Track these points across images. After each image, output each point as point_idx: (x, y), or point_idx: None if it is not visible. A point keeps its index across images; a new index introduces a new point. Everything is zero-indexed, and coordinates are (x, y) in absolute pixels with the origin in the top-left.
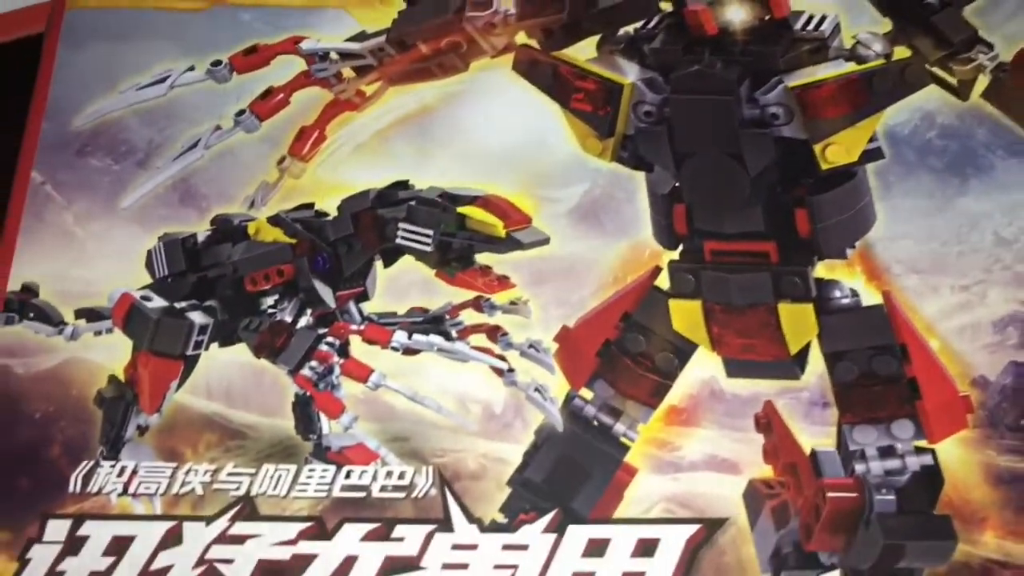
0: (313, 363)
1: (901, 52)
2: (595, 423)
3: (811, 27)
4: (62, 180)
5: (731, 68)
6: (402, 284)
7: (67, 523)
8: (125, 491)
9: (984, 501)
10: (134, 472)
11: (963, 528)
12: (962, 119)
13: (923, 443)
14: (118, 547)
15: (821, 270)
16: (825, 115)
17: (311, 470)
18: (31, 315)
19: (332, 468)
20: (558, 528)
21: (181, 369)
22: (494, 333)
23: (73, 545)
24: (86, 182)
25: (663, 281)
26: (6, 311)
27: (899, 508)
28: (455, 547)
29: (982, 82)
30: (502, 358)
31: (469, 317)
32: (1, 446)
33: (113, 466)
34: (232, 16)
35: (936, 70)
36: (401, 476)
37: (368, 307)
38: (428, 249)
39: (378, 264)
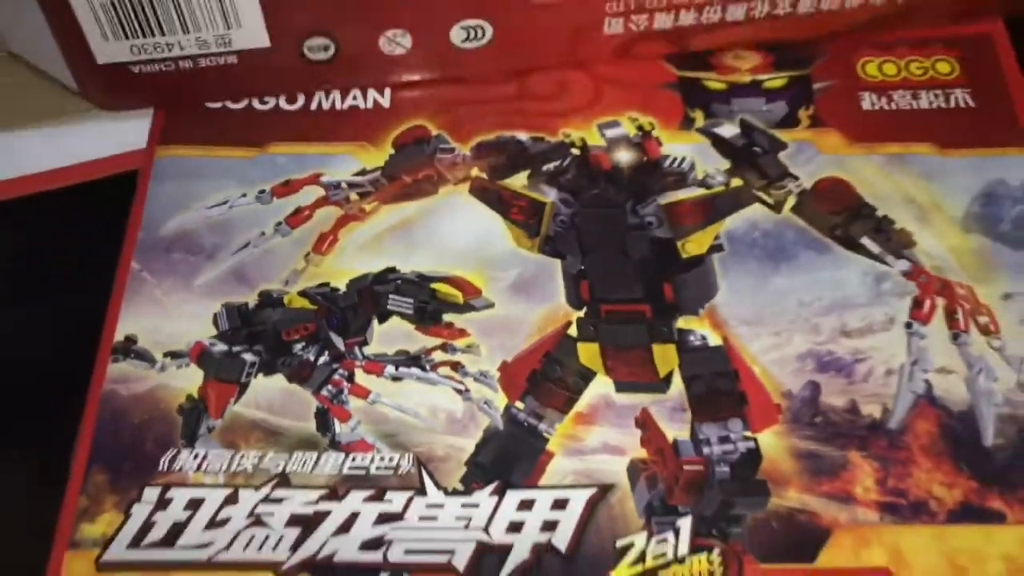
0: (329, 386)
1: (736, 182)
2: (525, 424)
3: (675, 165)
4: (154, 268)
5: (621, 191)
6: (392, 335)
7: (158, 489)
8: (198, 469)
9: (789, 471)
10: (204, 457)
11: (775, 488)
12: (777, 225)
13: (749, 434)
14: (193, 505)
15: (681, 323)
16: (684, 222)
17: (327, 457)
18: (132, 355)
19: (342, 455)
20: (500, 493)
21: (237, 390)
22: (456, 366)
23: (162, 504)
24: (170, 269)
25: (574, 331)
26: (114, 353)
27: (732, 476)
28: (428, 506)
29: (790, 201)
30: (461, 383)
31: (438, 356)
32: (112, 443)
33: (190, 453)
34: (272, 160)
35: (759, 193)
36: (391, 460)
37: (368, 350)
38: (410, 312)
39: (375, 322)
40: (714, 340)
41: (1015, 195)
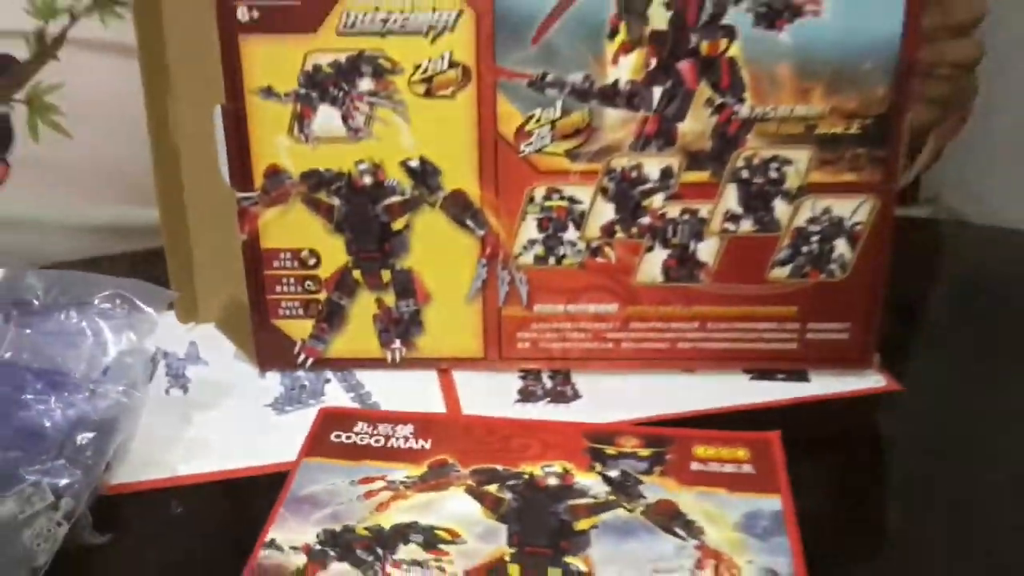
0: None
1: (612, 497)
2: None
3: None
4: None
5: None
6: None
7: None
8: None
9: None
10: None
11: None
12: (629, 522)
13: None
14: None
15: None
16: (579, 513)
17: None
18: None
19: None
20: None
21: None
22: None
23: None
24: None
25: None
26: None
27: None
28: None
29: (639, 508)
30: None
31: None
32: None
33: None
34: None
35: (625, 506)
36: None
37: None
38: None
39: None
40: None
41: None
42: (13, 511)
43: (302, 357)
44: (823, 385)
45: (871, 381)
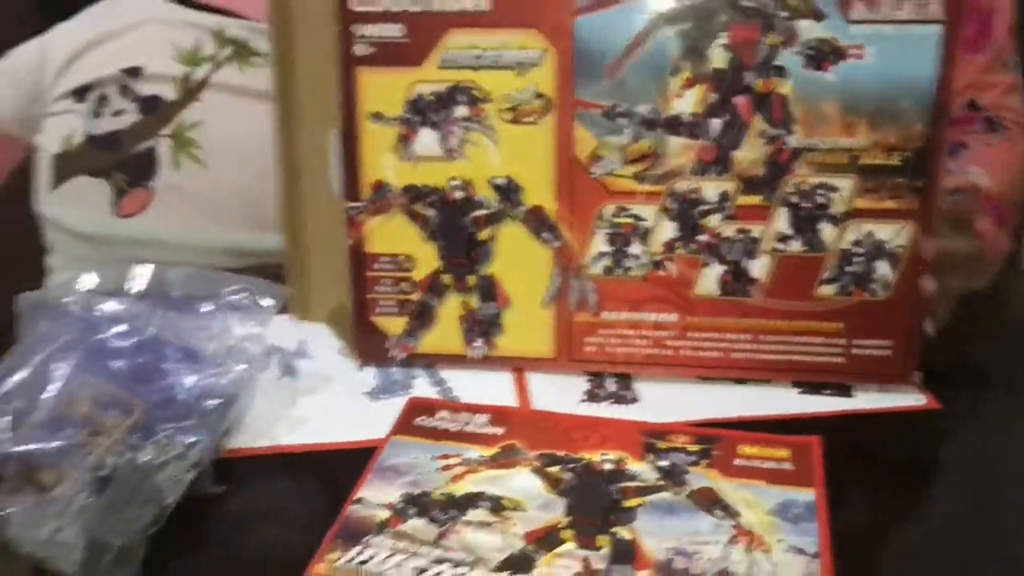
0: None
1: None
2: None
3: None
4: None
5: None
6: None
7: None
8: None
9: None
10: None
11: None
12: (677, 503)
13: None
14: None
15: None
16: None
17: None
18: None
19: None
20: None
21: None
22: None
23: None
24: None
25: None
26: None
27: None
28: None
29: (685, 491)
30: None
31: None
32: None
33: None
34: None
35: (669, 490)
36: None
37: None
38: None
39: None
40: None
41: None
42: (151, 456)
43: (396, 351)
44: (866, 400)
45: (912, 399)
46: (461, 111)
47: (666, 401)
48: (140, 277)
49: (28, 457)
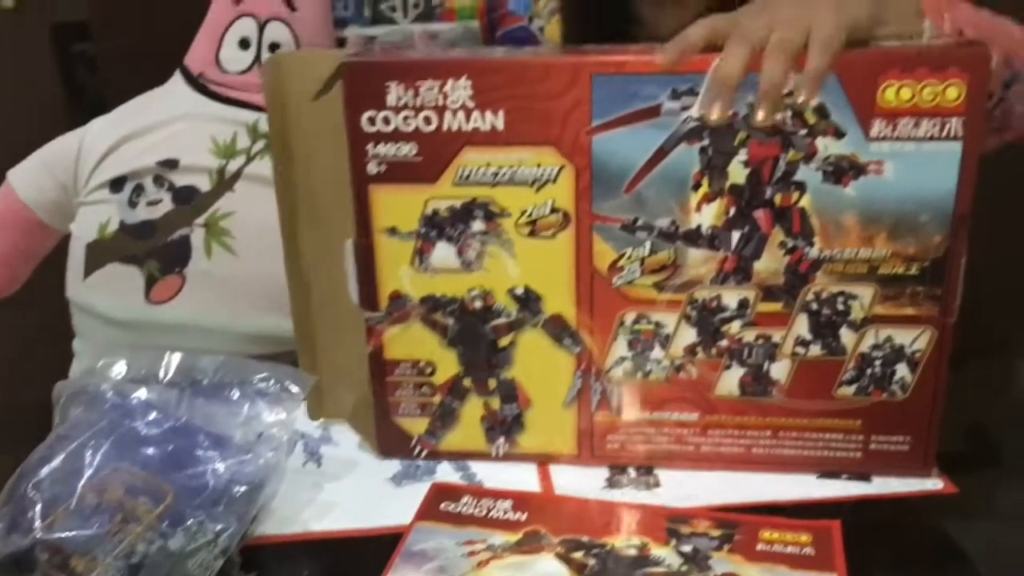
0: None
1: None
2: None
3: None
4: None
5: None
6: None
7: None
8: None
9: None
10: None
11: None
12: None
13: None
14: None
15: None
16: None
17: None
18: None
19: None
20: None
21: None
22: None
23: None
24: None
25: None
26: None
27: None
28: None
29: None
30: None
31: None
32: None
33: None
34: None
35: None
36: None
37: None
38: None
39: None
40: None
41: None
42: (182, 543)
43: (418, 449)
44: (883, 485)
45: (929, 484)
46: (478, 225)
47: (687, 487)
48: (172, 364)
49: (60, 544)
